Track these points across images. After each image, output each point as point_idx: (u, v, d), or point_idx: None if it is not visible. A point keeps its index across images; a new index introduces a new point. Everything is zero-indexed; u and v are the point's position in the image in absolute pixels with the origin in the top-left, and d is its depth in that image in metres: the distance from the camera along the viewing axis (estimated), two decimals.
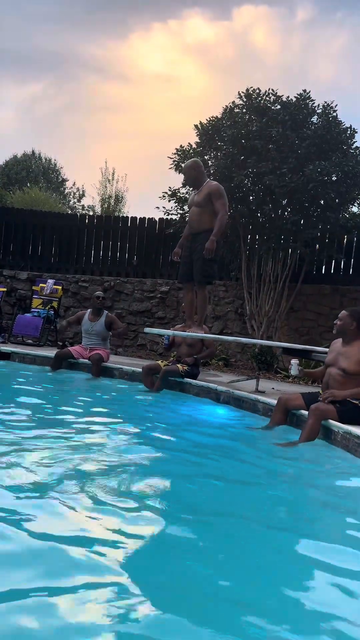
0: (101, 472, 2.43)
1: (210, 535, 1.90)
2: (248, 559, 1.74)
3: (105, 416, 3.75)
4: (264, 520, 2.10)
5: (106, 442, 3.01)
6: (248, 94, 6.69)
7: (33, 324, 7.24)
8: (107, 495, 2.13)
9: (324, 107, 6.54)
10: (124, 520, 1.91)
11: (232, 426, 3.98)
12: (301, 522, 2.17)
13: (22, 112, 34.46)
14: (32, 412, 3.62)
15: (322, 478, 2.81)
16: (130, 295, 8.36)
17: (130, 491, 2.22)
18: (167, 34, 32.70)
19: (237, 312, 7.72)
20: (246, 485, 2.57)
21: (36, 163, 19.65)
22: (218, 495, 2.39)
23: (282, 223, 6.53)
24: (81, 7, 32.37)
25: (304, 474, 2.90)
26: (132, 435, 3.30)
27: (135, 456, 2.80)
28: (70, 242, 9.03)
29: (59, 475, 2.31)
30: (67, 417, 3.62)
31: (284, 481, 2.77)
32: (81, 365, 5.72)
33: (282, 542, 1.90)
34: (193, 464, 2.82)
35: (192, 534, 1.88)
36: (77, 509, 1.96)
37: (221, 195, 4.58)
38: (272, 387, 5.28)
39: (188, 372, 5.07)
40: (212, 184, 4.67)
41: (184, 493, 2.38)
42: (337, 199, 6.53)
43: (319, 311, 7.25)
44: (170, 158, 7.07)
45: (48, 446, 2.76)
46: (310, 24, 31.63)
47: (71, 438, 2.99)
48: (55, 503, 1.99)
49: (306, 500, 2.48)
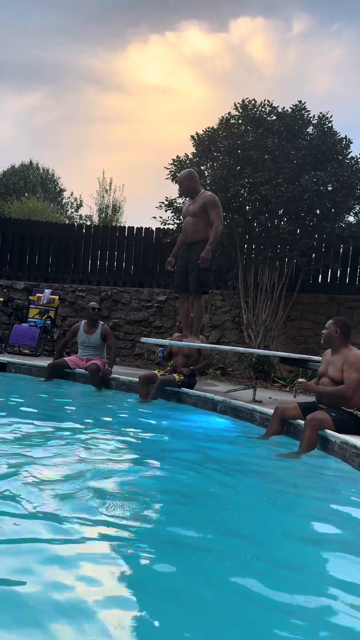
0: (96, 482, 2.40)
1: (209, 554, 1.86)
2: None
3: (99, 426, 3.73)
4: (272, 538, 2.05)
5: (100, 451, 2.99)
6: (244, 105, 6.75)
7: (30, 334, 7.22)
8: (100, 506, 2.10)
9: (319, 118, 6.59)
10: (117, 532, 1.89)
11: (230, 436, 3.96)
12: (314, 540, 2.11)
13: (20, 123, 34.70)
14: (29, 423, 3.58)
15: (329, 491, 2.78)
16: (127, 305, 8.35)
17: (125, 502, 2.20)
18: (164, 46, 33.09)
19: (234, 321, 7.72)
20: (253, 499, 2.52)
21: (34, 173, 19.74)
22: (222, 512, 2.34)
23: (279, 232, 6.55)
24: (79, 19, 32.75)
25: (309, 486, 2.87)
26: (126, 445, 3.27)
27: (130, 467, 2.78)
28: (68, 252, 9.04)
29: (54, 484, 2.29)
30: (63, 427, 3.59)
31: (294, 494, 2.72)
32: (77, 375, 5.69)
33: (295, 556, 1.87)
34: (191, 476, 2.79)
35: (191, 549, 1.85)
36: (69, 519, 1.94)
37: (216, 205, 4.60)
38: (269, 397, 5.26)
39: (185, 381, 5.05)
40: (207, 194, 4.70)
41: (183, 505, 2.35)
42: (332, 209, 6.56)
43: (316, 320, 7.25)
44: (167, 168, 7.11)
45: (45, 456, 2.74)
46: (306, 36, 32.05)
47: (66, 449, 2.96)
48: (50, 512, 1.97)
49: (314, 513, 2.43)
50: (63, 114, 33.66)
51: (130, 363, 7.81)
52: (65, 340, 6.12)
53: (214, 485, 2.66)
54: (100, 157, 30.97)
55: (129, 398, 5.09)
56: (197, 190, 4.73)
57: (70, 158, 30.93)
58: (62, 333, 7.91)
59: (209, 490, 2.59)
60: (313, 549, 1.98)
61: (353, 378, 3.46)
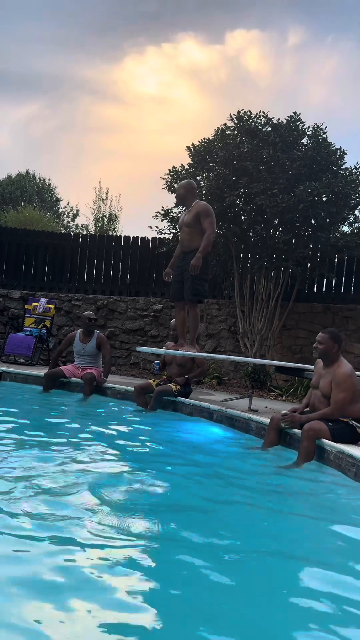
0: (92, 491, 2.40)
1: (214, 562, 1.86)
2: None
3: (96, 435, 3.73)
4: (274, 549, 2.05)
5: (95, 460, 2.99)
6: (239, 116, 6.82)
7: (25, 343, 7.20)
8: (95, 515, 2.10)
9: (314, 129, 6.67)
10: (115, 543, 1.89)
11: (228, 447, 3.95)
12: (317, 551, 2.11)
13: (17, 133, 34.93)
14: (25, 432, 3.58)
15: (333, 500, 2.78)
16: (123, 314, 8.36)
17: (121, 513, 2.19)
18: (161, 57, 33.50)
19: (230, 330, 7.73)
20: (257, 512, 2.51)
21: (30, 183, 19.85)
22: (220, 524, 2.33)
23: (274, 242, 6.60)
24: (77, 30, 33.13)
25: (313, 496, 2.87)
26: (122, 455, 3.27)
27: (126, 477, 2.78)
28: (64, 261, 9.05)
29: (51, 493, 2.30)
30: (60, 437, 3.58)
31: (297, 506, 2.72)
32: (73, 384, 5.67)
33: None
34: (189, 487, 2.78)
35: (193, 560, 1.84)
36: (65, 530, 1.94)
37: (209, 214, 4.65)
38: (265, 406, 5.26)
39: (181, 391, 5.06)
40: (200, 204, 4.76)
41: (182, 516, 2.34)
42: (327, 219, 6.61)
43: (312, 329, 7.27)
44: (163, 179, 7.16)
45: (42, 465, 2.75)
46: (301, 48, 32.54)
47: (63, 459, 2.96)
48: (46, 520, 1.97)
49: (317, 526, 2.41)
50: (60, 123, 33.93)
51: (126, 372, 7.80)
52: (60, 349, 6.10)
53: (212, 498, 2.65)
54: (96, 166, 31.19)
55: (125, 407, 5.08)
56: (192, 201, 4.78)
57: (66, 168, 31.14)
58: (57, 342, 7.90)
59: (208, 502, 2.57)
60: (313, 563, 1.96)
61: (340, 398, 3.47)
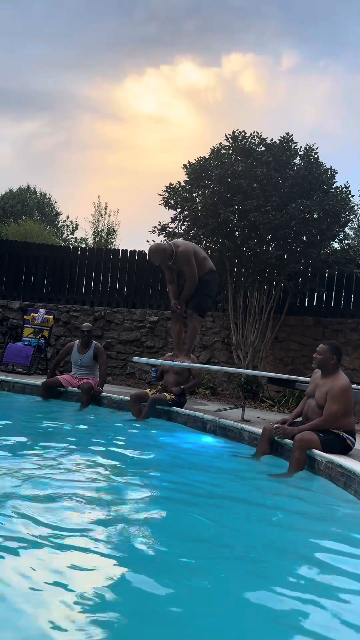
0: (87, 500, 2.45)
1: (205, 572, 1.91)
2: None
3: (92, 445, 3.79)
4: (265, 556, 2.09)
5: (91, 470, 3.04)
6: (234, 136, 7.09)
7: (24, 353, 7.35)
8: (88, 524, 2.13)
9: (305, 149, 6.93)
10: (107, 551, 1.92)
11: (221, 456, 4.03)
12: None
13: (18, 149, 35.55)
14: (20, 442, 3.64)
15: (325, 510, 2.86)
16: (120, 325, 8.53)
17: (117, 522, 2.23)
18: (159, 78, 34.41)
19: (223, 342, 7.91)
20: (248, 519, 2.57)
21: (31, 197, 20.21)
22: (215, 532, 2.37)
23: (267, 257, 6.81)
24: (79, 50, 34.03)
25: (302, 504, 2.95)
26: (116, 464, 3.33)
27: (119, 487, 2.81)
28: (63, 273, 9.24)
29: (45, 500, 2.34)
30: (55, 446, 3.65)
31: (287, 514, 2.78)
32: (70, 394, 5.81)
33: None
34: (181, 496, 2.83)
35: (182, 569, 1.89)
36: (59, 537, 1.97)
37: (187, 260, 4.70)
38: (257, 416, 5.41)
39: (175, 400, 5.18)
40: (179, 251, 4.74)
41: (179, 525, 2.38)
42: (318, 236, 6.84)
43: (303, 342, 7.47)
44: (160, 195, 7.39)
45: (33, 475, 2.79)
46: (295, 71, 33.53)
47: (57, 467, 3.02)
48: (40, 529, 2.01)
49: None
50: (60, 140, 34.54)
51: (122, 382, 7.94)
52: (58, 359, 6.26)
53: (203, 505, 2.71)
54: (96, 182, 31.71)
55: (121, 416, 5.20)
56: (170, 256, 4.78)
57: (66, 183, 31.68)
58: (55, 352, 8.05)
59: (199, 508, 2.63)
60: (308, 569, 2.01)
61: (333, 410, 3.55)
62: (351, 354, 7.23)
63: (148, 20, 30.50)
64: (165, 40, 32.18)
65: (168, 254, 4.74)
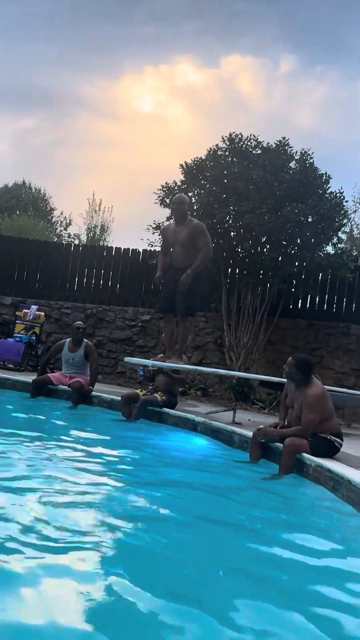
0: (74, 502, 2.43)
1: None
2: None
3: (81, 445, 3.77)
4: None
5: (78, 471, 3.00)
6: (231, 138, 7.08)
7: (15, 349, 7.29)
8: (73, 526, 2.10)
9: (301, 154, 6.95)
10: (96, 558, 1.90)
11: (212, 459, 4.03)
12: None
13: (15, 144, 35.34)
14: (8, 438, 3.61)
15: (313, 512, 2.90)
16: (111, 323, 8.49)
17: (100, 526, 2.19)
18: (158, 77, 34.42)
19: (216, 343, 7.91)
20: (237, 523, 2.58)
21: (26, 192, 20.12)
22: (207, 532, 2.38)
23: (261, 259, 6.83)
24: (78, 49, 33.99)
25: (292, 507, 2.98)
26: (106, 465, 3.31)
27: (108, 488, 2.79)
28: (55, 270, 9.18)
29: (33, 503, 2.31)
30: (41, 444, 3.61)
31: (276, 516, 2.80)
32: (60, 392, 5.77)
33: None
34: (173, 499, 2.82)
35: (166, 569, 1.90)
36: (43, 539, 1.96)
37: (204, 234, 4.82)
38: (248, 419, 5.41)
39: (166, 401, 5.17)
40: (194, 222, 4.92)
41: (168, 527, 2.37)
42: (312, 239, 6.87)
43: (295, 345, 7.49)
44: (155, 194, 7.37)
45: (19, 475, 2.76)
46: (292, 76, 33.77)
47: (44, 467, 2.99)
48: (27, 532, 1.99)
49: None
50: (57, 137, 34.43)
51: (112, 381, 7.92)
52: (49, 356, 6.21)
53: (194, 506, 2.72)
54: (91, 179, 31.57)
55: (110, 416, 5.17)
56: (186, 217, 4.95)
57: (62, 179, 31.60)
58: (46, 349, 7.99)
59: (189, 511, 2.63)
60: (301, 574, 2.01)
61: (309, 420, 3.64)
62: (342, 358, 7.28)
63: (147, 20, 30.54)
64: (165, 40, 32.26)
65: (188, 207, 5.05)
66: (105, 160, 33.37)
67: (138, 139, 34.36)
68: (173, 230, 5.04)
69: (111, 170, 32.70)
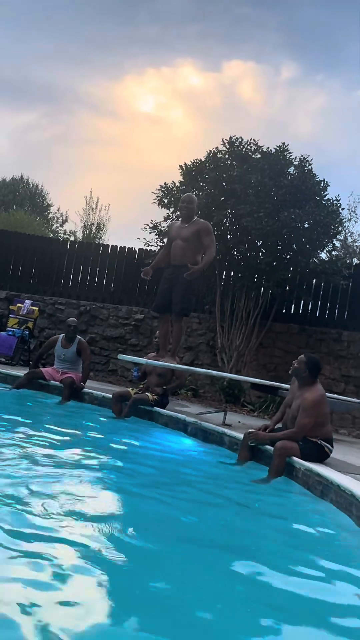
0: (62, 497, 2.43)
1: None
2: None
3: (71, 442, 3.76)
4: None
5: (68, 468, 3.00)
6: (231, 141, 7.13)
7: (7, 343, 7.27)
8: (60, 524, 2.11)
9: (300, 160, 7.01)
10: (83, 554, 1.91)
11: (202, 460, 4.05)
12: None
13: (14, 139, 35.18)
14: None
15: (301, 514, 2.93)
16: (105, 321, 8.49)
17: (89, 524, 2.19)
18: (159, 79, 34.55)
19: (208, 345, 7.94)
20: (227, 523, 2.61)
21: (23, 187, 20.05)
22: (197, 532, 2.40)
23: (257, 263, 6.87)
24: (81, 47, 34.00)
25: (280, 510, 3.01)
26: (96, 463, 3.31)
27: (97, 487, 2.77)
28: (50, 265, 9.17)
29: (22, 497, 2.32)
30: (29, 442, 3.59)
31: (264, 518, 2.83)
32: (51, 387, 5.76)
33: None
34: (162, 499, 2.82)
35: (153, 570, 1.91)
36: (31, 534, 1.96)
37: (210, 233, 4.85)
38: (238, 421, 5.44)
39: (157, 401, 5.18)
40: (201, 221, 4.92)
41: (158, 527, 2.38)
42: (308, 245, 6.93)
43: (287, 349, 7.54)
44: (154, 193, 7.38)
45: (10, 473, 2.74)
46: (293, 83, 34.02)
47: (31, 461, 2.98)
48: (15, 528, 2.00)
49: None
50: (57, 133, 34.35)
51: (103, 379, 7.91)
52: (42, 351, 6.21)
53: (184, 508, 2.73)
54: (89, 177, 31.56)
55: (101, 414, 5.17)
56: (194, 217, 4.96)
57: (60, 176, 31.52)
58: (38, 344, 7.97)
59: (179, 512, 2.65)
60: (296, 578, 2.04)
61: (303, 423, 3.65)
62: (332, 364, 7.34)
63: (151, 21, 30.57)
64: (168, 42, 32.34)
65: (196, 206, 5.13)
66: (104, 158, 33.36)
67: (138, 139, 34.40)
68: (178, 226, 5.04)
69: (110, 168, 32.70)
